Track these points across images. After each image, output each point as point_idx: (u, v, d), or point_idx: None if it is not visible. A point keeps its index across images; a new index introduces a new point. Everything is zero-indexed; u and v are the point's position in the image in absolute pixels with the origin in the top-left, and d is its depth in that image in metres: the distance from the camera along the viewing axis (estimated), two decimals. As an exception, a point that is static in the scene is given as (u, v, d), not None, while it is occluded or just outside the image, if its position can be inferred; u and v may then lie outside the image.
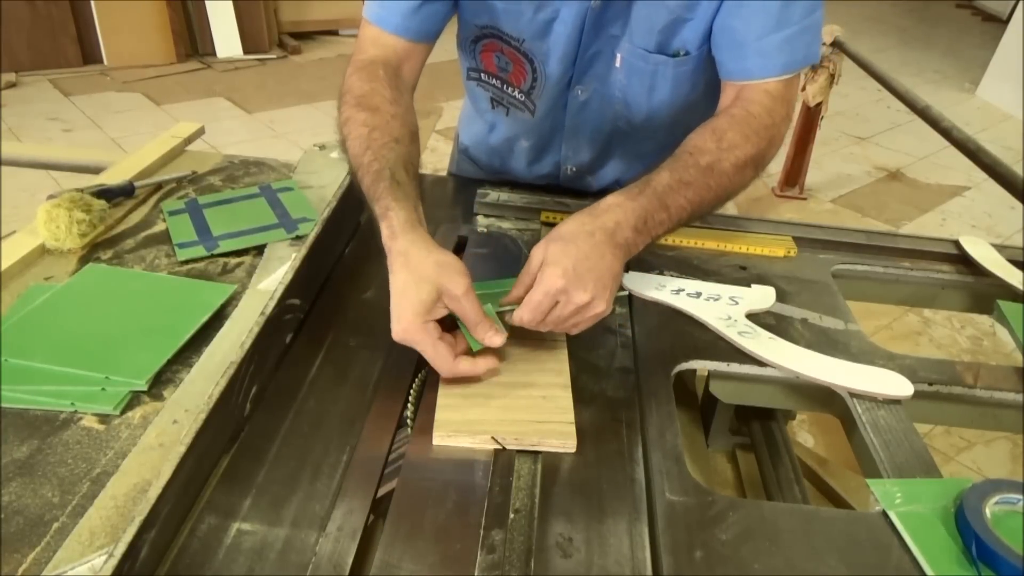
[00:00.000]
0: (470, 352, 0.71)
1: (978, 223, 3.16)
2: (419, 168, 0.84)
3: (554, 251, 0.71)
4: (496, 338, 0.70)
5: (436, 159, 3.27)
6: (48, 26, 3.93)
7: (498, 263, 0.96)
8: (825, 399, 0.80)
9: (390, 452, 0.68)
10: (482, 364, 0.71)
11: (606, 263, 0.71)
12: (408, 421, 0.71)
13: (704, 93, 0.97)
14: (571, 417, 0.69)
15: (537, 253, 0.72)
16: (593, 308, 0.71)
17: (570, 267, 0.69)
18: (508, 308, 0.73)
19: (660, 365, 0.79)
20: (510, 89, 1.01)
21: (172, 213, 1.04)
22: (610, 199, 0.76)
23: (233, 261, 0.96)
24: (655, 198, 0.77)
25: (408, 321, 0.68)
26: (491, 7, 0.91)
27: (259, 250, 0.98)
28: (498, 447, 0.67)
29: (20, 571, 0.56)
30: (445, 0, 0.91)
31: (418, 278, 0.68)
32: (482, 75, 1.02)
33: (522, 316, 0.71)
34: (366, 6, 0.93)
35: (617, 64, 0.94)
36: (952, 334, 2.41)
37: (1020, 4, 4.37)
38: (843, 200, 3.31)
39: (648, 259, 0.98)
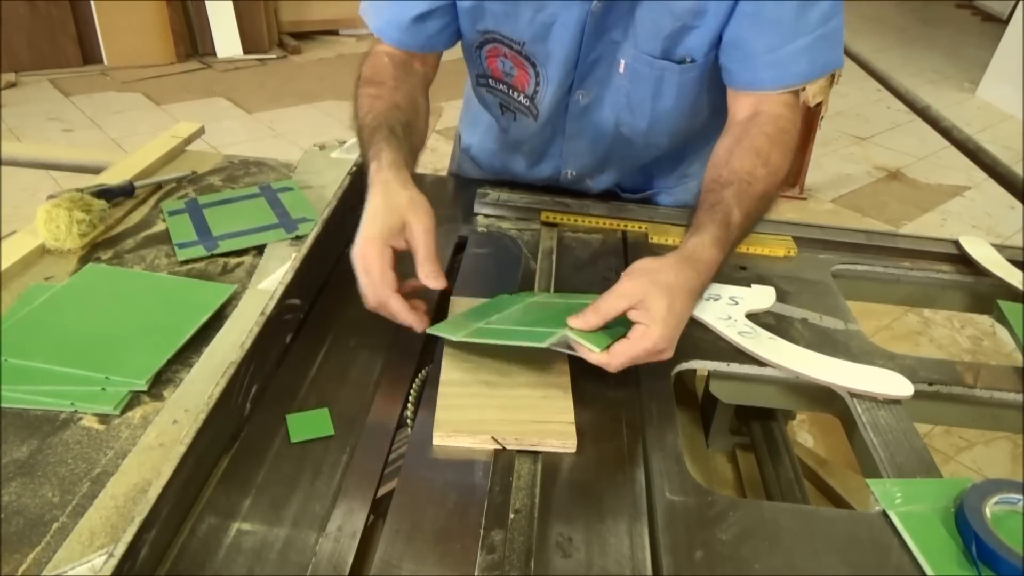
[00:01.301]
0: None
1: (978, 223, 3.16)
2: (422, 135, 0.89)
3: (659, 306, 0.69)
4: (436, 280, 0.72)
5: (436, 159, 3.26)
6: (48, 26, 3.92)
7: (498, 263, 0.96)
8: (825, 399, 0.80)
9: (390, 452, 0.68)
10: (408, 316, 0.73)
11: (689, 315, 0.74)
12: (408, 421, 0.71)
13: (709, 100, 0.96)
14: (571, 417, 0.69)
15: (632, 290, 0.70)
16: (667, 355, 0.72)
17: (673, 327, 0.70)
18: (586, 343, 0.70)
19: (660, 365, 0.79)
20: (515, 94, 1.01)
21: (172, 213, 1.04)
22: (710, 250, 0.76)
23: (233, 261, 0.96)
24: (733, 243, 0.79)
25: (368, 238, 0.71)
26: (489, 9, 0.91)
27: (259, 250, 0.98)
28: (498, 447, 0.67)
29: (20, 571, 0.56)
30: (442, 18, 0.92)
31: (390, 205, 0.73)
32: (490, 81, 1.02)
33: (610, 362, 0.70)
34: (368, 13, 0.95)
35: (621, 70, 0.93)
36: (952, 334, 2.41)
37: (1020, 4, 4.36)
38: (843, 200, 3.31)
39: (648, 259, 0.98)
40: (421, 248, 0.72)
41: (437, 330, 0.76)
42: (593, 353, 0.69)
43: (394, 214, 0.73)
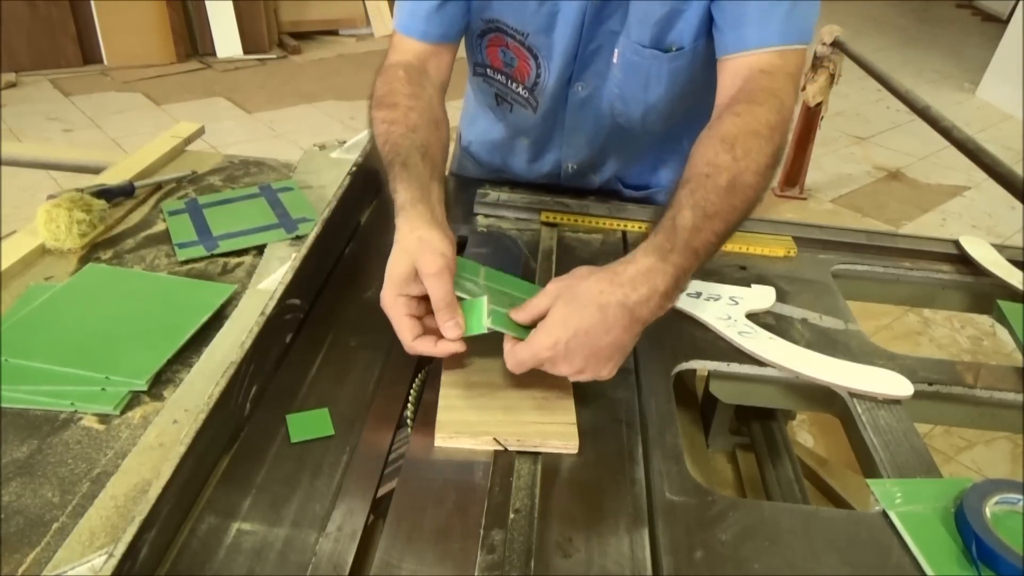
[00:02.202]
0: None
1: (978, 223, 3.16)
2: (444, 147, 0.87)
3: (557, 315, 0.66)
4: (452, 330, 0.68)
5: (436, 159, 3.26)
6: (48, 26, 3.92)
7: (498, 263, 0.96)
8: (825, 399, 0.80)
9: (390, 452, 0.68)
10: (442, 347, 0.69)
11: (611, 338, 0.66)
12: (408, 421, 0.71)
13: (700, 89, 0.96)
14: (573, 418, 0.69)
15: (548, 295, 0.68)
16: (583, 376, 0.68)
17: (563, 340, 0.65)
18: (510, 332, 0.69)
19: (660, 365, 0.79)
20: (514, 85, 1.01)
21: (172, 213, 1.04)
22: (641, 260, 0.68)
23: (233, 261, 0.96)
24: (687, 250, 0.69)
25: (384, 291, 0.70)
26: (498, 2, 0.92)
27: (259, 250, 0.98)
28: (500, 448, 0.67)
29: (20, 571, 0.56)
30: (460, 3, 0.92)
31: (400, 251, 0.70)
32: (488, 70, 1.02)
33: (506, 361, 0.69)
34: (395, 14, 0.96)
35: (614, 60, 0.94)
36: (952, 334, 2.41)
37: (1020, 4, 4.36)
38: (843, 200, 3.31)
39: (648, 259, 0.98)
40: (434, 294, 0.68)
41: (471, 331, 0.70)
42: (510, 341, 0.69)
43: (404, 259, 0.69)
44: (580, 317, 0.66)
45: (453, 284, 0.69)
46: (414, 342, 0.70)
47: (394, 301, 0.70)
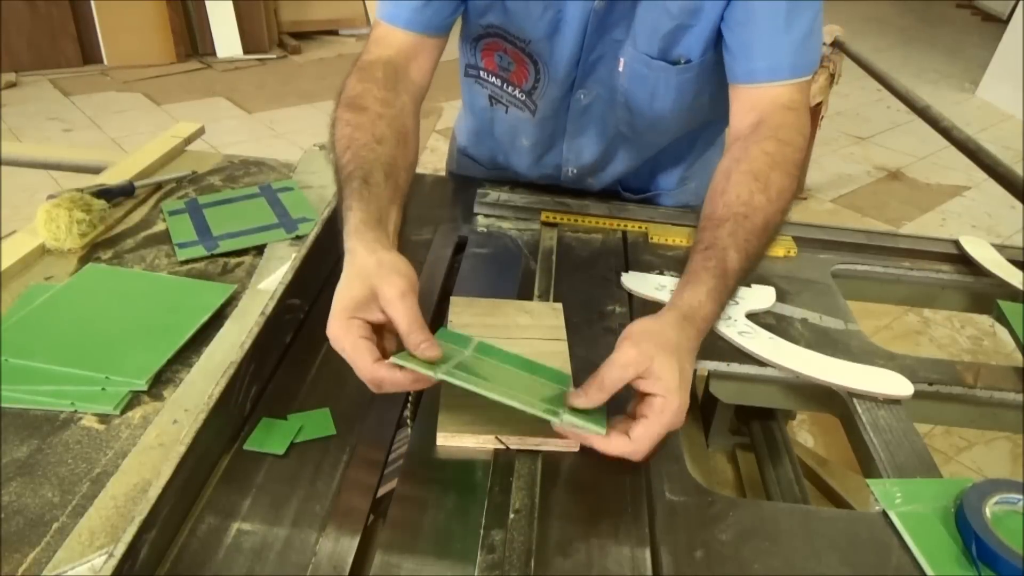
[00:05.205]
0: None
1: (978, 223, 3.16)
2: (410, 167, 0.81)
3: (671, 373, 0.62)
4: (431, 351, 0.62)
5: (436, 159, 3.27)
6: (48, 26, 3.93)
7: (498, 263, 0.96)
8: (825, 399, 0.80)
9: (390, 452, 0.68)
10: (405, 378, 0.63)
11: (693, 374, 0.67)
12: (408, 421, 0.71)
13: (708, 99, 0.96)
14: (572, 417, 0.69)
15: (637, 357, 0.62)
16: (671, 429, 0.64)
17: (687, 393, 0.63)
18: (585, 425, 0.62)
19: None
20: (510, 88, 1.00)
21: (172, 213, 1.04)
22: (708, 305, 0.69)
23: (233, 261, 0.96)
24: (728, 292, 0.71)
25: (332, 315, 0.63)
26: (502, 7, 0.90)
27: (259, 250, 0.98)
28: (501, 447, 0.67)
29: (20, 571, 0.56)
30: None
31: (355, 274, 0.65)
32: (481, 72, 1.02)
33: (636, 450, 0.62)
34: (378, 6, 0.91)
35: (620, 68, 0.93)
36: (952, 334, 2.41)
37: (1020, 4, 4.36)
38: (843, 200, 3.31)
39: (648, 259, 0.98)
40: (401, 318, 0.62)
41: (402, 359, 0.63)
42: (600, 438, 0.62)
43: (361, 283, 0.64)
44: (688, 366, 0.65)
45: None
46: (374, 368, 0.62)
47: (348, 325, 0.62)
